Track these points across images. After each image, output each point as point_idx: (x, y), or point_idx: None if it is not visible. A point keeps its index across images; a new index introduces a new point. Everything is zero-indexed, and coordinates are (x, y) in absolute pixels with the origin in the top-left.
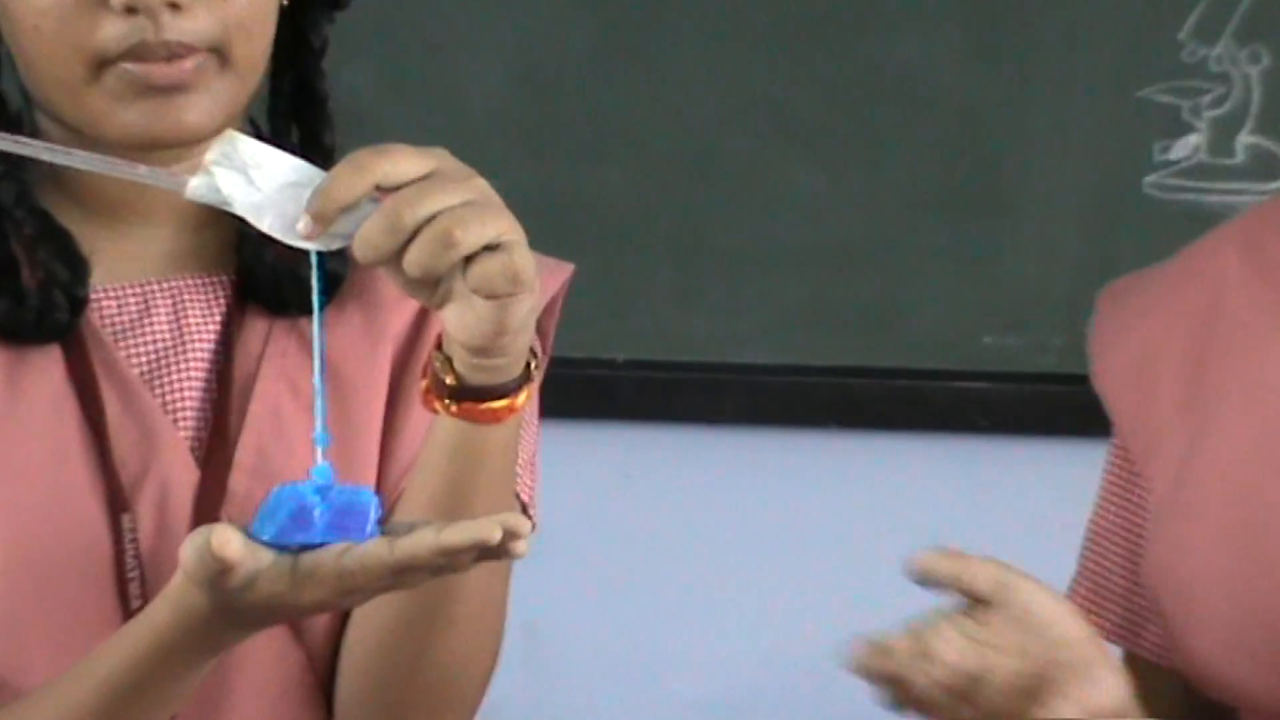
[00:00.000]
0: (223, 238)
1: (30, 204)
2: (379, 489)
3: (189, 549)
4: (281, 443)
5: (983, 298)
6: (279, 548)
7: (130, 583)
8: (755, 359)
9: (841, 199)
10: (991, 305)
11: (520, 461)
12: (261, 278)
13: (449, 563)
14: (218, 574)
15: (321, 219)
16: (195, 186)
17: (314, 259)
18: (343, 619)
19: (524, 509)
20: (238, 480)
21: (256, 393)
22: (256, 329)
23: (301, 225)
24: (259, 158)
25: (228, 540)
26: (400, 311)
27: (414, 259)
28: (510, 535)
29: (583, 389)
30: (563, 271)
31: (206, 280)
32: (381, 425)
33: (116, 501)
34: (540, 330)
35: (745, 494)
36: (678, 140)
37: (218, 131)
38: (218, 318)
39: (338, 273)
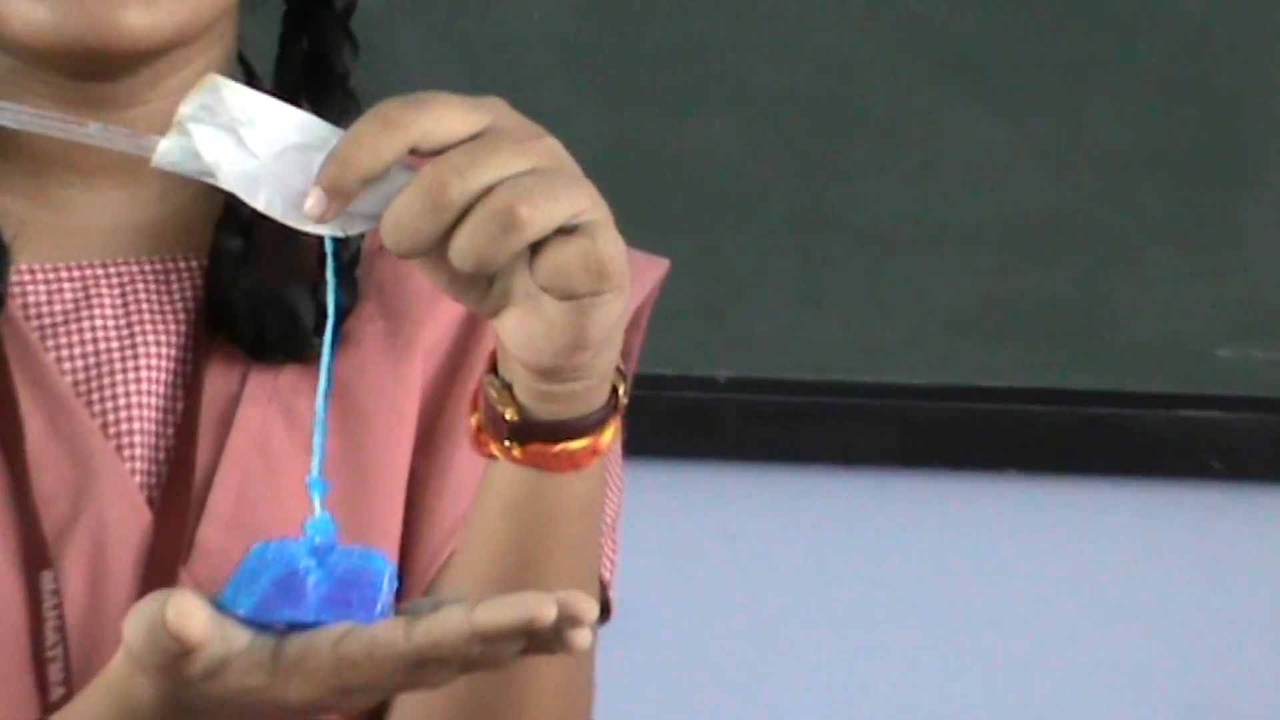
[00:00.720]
0: (198, 208)
1: None
2: (404, 556)
3: (136, 622)
4: (270, 485)
5: (1217, 295)
6: (258, 625)
7: (50, 664)
8: (904, 378)
9: (1025, 160)
10: (1229, 305)
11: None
12: (231, 312)
13: (485, 653)
14: (174, 658)
15: (337, 193)
16: (167, 150)
17: (328, 247)
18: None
19: (602, 586)
20: (208, 531)
21: (239, 417)
22: None
23: (310, 202)
24: (252, 111)
25: (189, 612)
26: (436, 316)
27: (463, 247)
28: (569, 619)
29: (671, 418)
30: (654, 268)
31: (169, 264)
32: (408, 470)
33: (34, 554)
34: (625, 344)
35: (889, 560)
36: (798, 82)
37: (170, 44)
38: (182, 313)
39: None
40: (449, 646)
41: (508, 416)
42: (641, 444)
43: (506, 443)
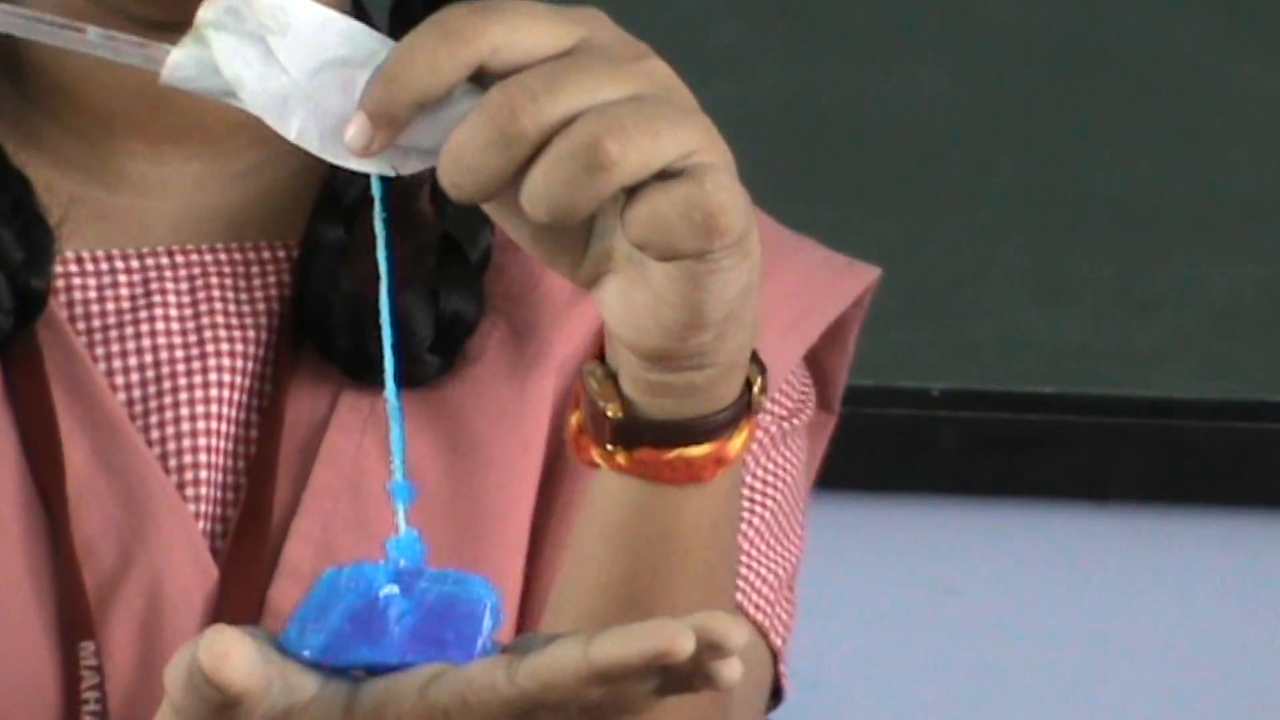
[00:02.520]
0: (291, 190)
1: None
2: (525, 598)
3: (176, 668)
4: (359, 532)
5: None
6: (330, 669)
7: None
8: (1167, 391)
9: None
10: None
11: (754, 565)
12: (326, 318)
13: (609, 697)
14: (221, 711)
15: (386, 120)
16: (179, 63)
17: (375, 189)
18: None
19: (773, 658)
20: (281, 589)
21: (325, 448)
22: None
23: (352, 131)
24: (286, 16)
25: (226, 653)
26: (570, 324)
27: (537, 190)
28: (712, 647)
29: (872, 442)
30: (859, 277)
31: (250, 254)
32: (535, 499)
33: (73, 618)
34: (821, 369)
35: (1152, 620)
36: (1033, 21)
37: None
38: (264, 316)
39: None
40: (563, 689)
41: (610, 413)
42: (833, 475)
43: (609, 446)
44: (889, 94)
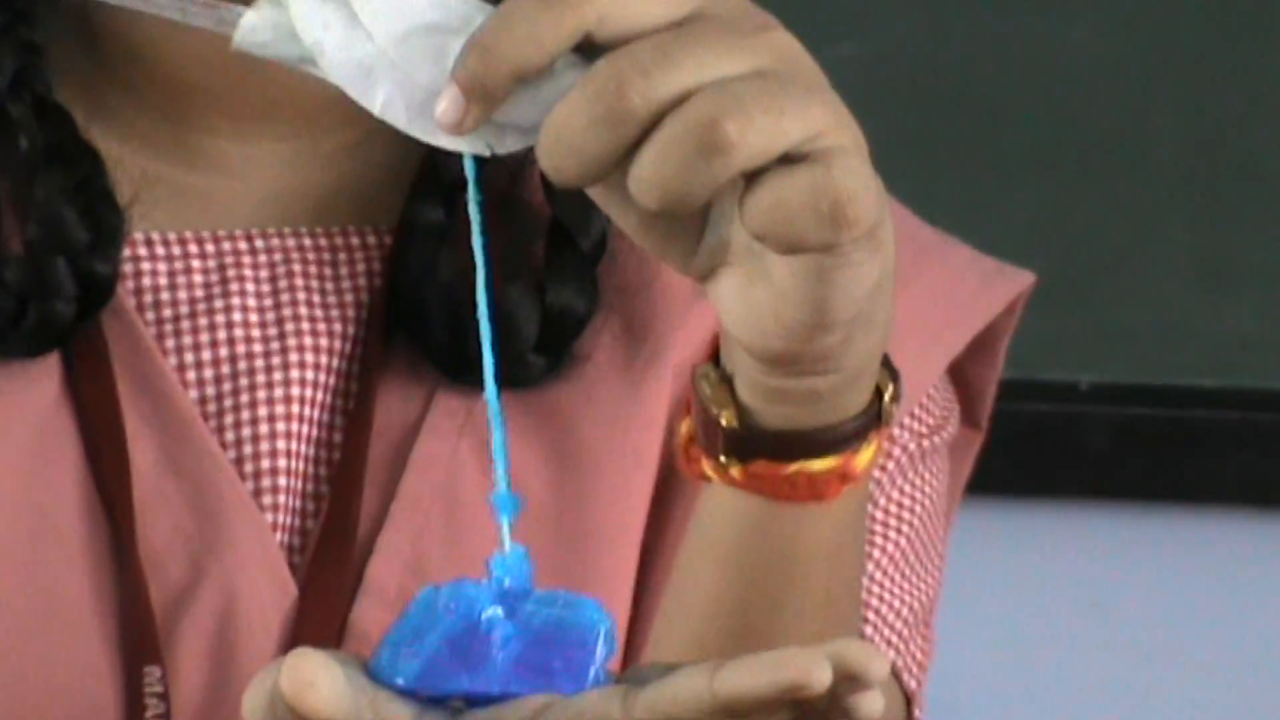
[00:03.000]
0: (387, 174)
1: (37, 91)
2: (633, 624)
3: (256, 696)
4: (453, 547)
5: None
6: (426, 700)
7: None
8: None
9: None
10: None
11: (886, 597)
12: (421, 310)
13: None
14: None
15: (480, 94)
16: (252, 27)
17: (469, 170)
18: None
19: (904, 695)
20: (364, 610)
21: (417, 454)
22: None
23: (444, 105)
24: None
25: (312, 680)
26: (688, 325)
27: (646, 174)
28: (850, 679)
29: (1013, 441)
30: (1009, 284)
31: (338, 239)
32: (647, 516)
33: (137, 640)
34: (967, 382)
35: None
36: None
37: None
38: (351, 308)
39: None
40: None
41: (724, 422)
42: (969, 478)
43: (723, 458)
44: (1032, 50)
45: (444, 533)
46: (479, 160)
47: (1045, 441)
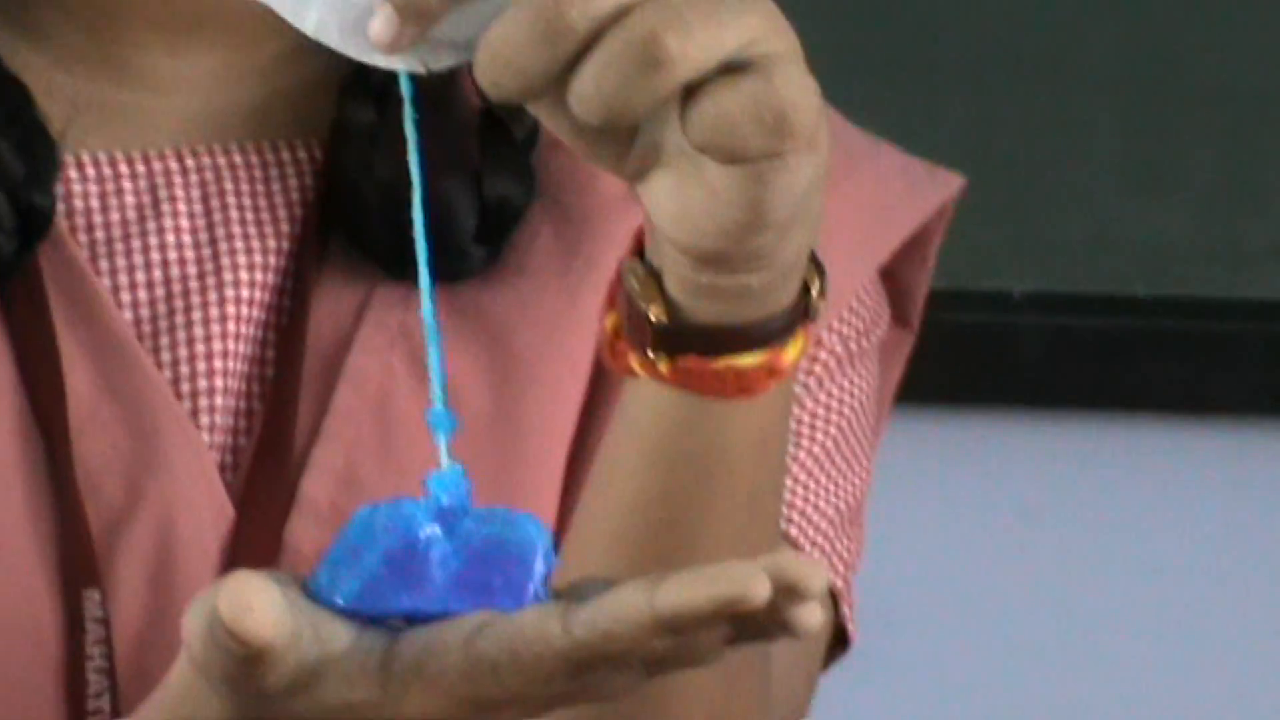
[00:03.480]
0: (318, 88)
1: None
2: (561, 526)
3: (196, 617)
4: (387, 461)
5: None
6: (365, 619)
7: (92, 703)
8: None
9: None
10: None
11: (812, 497)
12: (359, 209)
13: (675, 648)
14: (244, 665)
15: (415, 12)
16: None
17: (404, 88)
18: None
19: (835, 602)
20: (299, 526)
21: (349, 366)
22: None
23: (377, 25)
24: None
25: (249, 603)
26: (627, 226)
27: (587, 90)
28: (789, 591)
29: (947, 350)
30: (939, 188)
31: (269, 155)
32: (577, 424)
33: (76, 563)
34: (898, 282)
35: (1260, 546)
36: None
37: None
38: (285, 222)
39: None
40: (625, 640)
41: (653, 317)
42: (902, 387)
43: (650, 353)
44: None
45: (378, 446)
46: (412, 76)
47: (979, 351)
